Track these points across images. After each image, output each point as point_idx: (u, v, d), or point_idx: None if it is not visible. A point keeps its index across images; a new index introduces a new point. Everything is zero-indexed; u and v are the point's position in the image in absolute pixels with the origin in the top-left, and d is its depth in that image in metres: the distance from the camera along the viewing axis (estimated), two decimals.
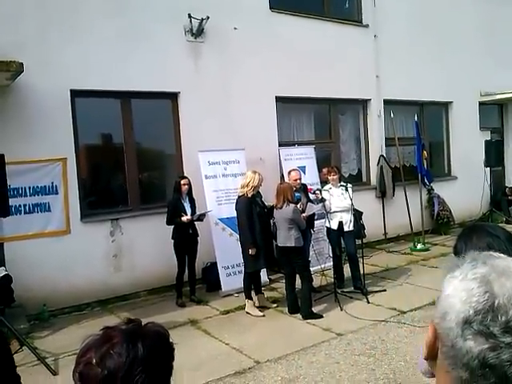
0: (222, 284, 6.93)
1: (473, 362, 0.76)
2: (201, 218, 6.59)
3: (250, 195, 6.06)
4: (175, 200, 6.53)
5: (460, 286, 0.80)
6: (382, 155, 9.86)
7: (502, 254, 0.86)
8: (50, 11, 6.42)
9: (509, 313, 0.75)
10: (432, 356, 0.86)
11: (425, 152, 9.72)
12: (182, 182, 6.58)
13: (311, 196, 6.68)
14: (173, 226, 6.50)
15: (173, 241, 6.51)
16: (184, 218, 6.40)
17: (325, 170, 7.49)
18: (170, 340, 1.11)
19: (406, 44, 10.02)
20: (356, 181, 9.60)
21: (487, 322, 0.75)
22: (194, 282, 6.76)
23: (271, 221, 6.32)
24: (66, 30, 6.51)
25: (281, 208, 5.88)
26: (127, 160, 7.26)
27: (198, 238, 6.64)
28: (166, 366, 1.06)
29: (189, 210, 6.54)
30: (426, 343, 0.87)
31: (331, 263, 6.93)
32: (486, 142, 10.99)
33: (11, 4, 6.17)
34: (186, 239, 6.49)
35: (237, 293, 6.81)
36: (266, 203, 6.44)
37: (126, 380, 0.98)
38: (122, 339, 1.02)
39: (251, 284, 6.28)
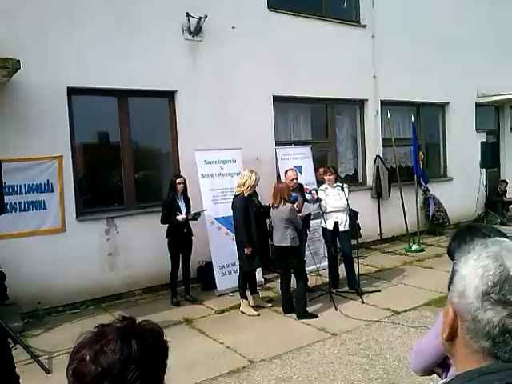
0: (217, 283, 6.93)
1: (493, 331, 0.84)
2: (195, 217, 6.59)
3: (246, 194, 6.06)
4: (170, 199, 6.52)
5: (476, 264, 0.89)
6: (379, 156, 9.88)
7: (506, 239, 0.95)
8: (46, 8, 6.39)
9: None
10: (453, 336, 0.92)
11: (420, 153, 9.75)
12: (178, 180, 6.58)
13: (307, 196, 6.69)
14: (167, 225, 6.50)
15: (167, 239, 6.51)
16: (179, 217, 6.39)
17: (321, 170, 7.50)
18: (165, 338, 1.11)
19: (404, 45, 10.04)
20: (352, 181, 9.61)
21: (505, 291, 0.84)
22: (189, 281, 6.76)
23: (267, 220, 6.33)
24: (63, 27, 6.49)
25: (277, 207, 5.88)
26: (123, 158, 7.25)
27: (193, 237, 6.64)
28: (160, 363, 1.06)
29: (183, 209, 6.54)
30: (446, 324, 0.93)
31: (326, 263, 6.94)
32: (482, 143, 11.04)
33: (7, 1, 6.14)
34: (180, 238, 6.49)
35: (232, 292, 6.82)
36: (262, 203, 6.45)
37: (119, 377, 0.98)
38: (115, 336, 1.02)
39: (246, 283, 6.28)
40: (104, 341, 1.02)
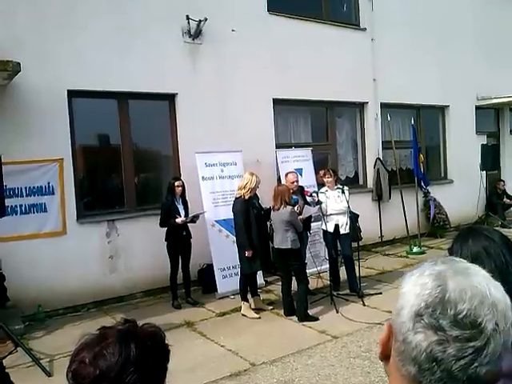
0: (217, 286, 6.92)
1: (420, 356, 0.77)
2: (194, 219, 6.58)
3: (247, 197, 6.06)
4: (169, 202, 6.52)
5: (416, 282, 0.82)
6: (379, 158, 9.88)
7: (464, 260, 0.87)
8: (46, 11, 6.41)
9: (457, 306, 0.76)
10: (386, 355, 0.86)
11: (421, 155, 9.76)
12: (176, 183, 6.57)
13: (308, 198, 6.69)
14: (166, 228, 6.49)
15: (166, 242, 6.50)
16: (178, 220, 6.39)
17: (321, 172, 7.50)
18: (166, 341, 1.10)
19: (403, 47, 10.06)
20: (353, 183, 9.61)
21: (437, 315, 0.76)
22: (189, 283, 6.75)
23: (268, 223, 6.33)
24: (63, 29, 6.50)
25: (278, 210, 5.88)
26: (124, 161, 7.25)
27: (192, 240, 6.64)
28: (160, 366, 1.06)
29: (182, 212, 6.53)
30: (380, 341, 0.87)
31: (327, 266, 6.93)
32: (483, 145, 11.04)
33: (7, 2, 6.15)
34: (179, 241, 6.48)
35: (233, 295, 6.81)
36: (262, 205, 6.45)
37: (117, 380, 0.98)
38: (115, 339, 1.03)
39: (247, 286, 6.28)
40: (104, 343, 1.02)
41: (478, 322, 0.75)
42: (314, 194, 6.62)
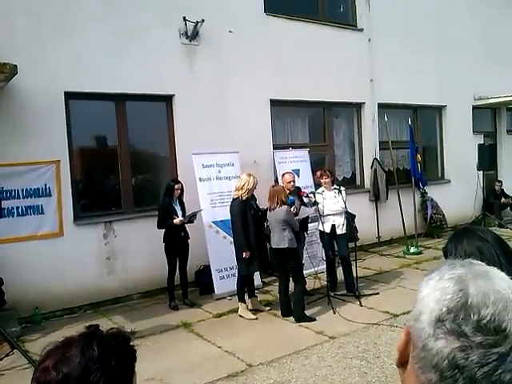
0: (215, 287, 6.93)
1: (442, 363, 0.74)
2: (192, 219, 6.58)
3: (244, 198, 6.06)
4: (166, 203, 6.52)
5: (436, 286, 0.79)
6: (376, 158, 9.90)
7: (482, 263, 0.85)
8: (43, 13, 6.41)
9: (481, 312, 0.74)
10: (403, 361, 0.84)
11: (418, 155, 9.78)
12: (176, 186, 6.57)
13: (304, 199, 6.69)
14: (164, 229, 6.49)
15: (164, 244, 6.50)
16: (176, 220, 6.38)
17: (318, 173, 7.51)
18: (131, 342, 1.11)
19: (400, 48, 10.08)
20: (350, 184, 9.63)
21: (459, 321, 0.74)
22: (186, 285, 6.75)
23: (265, 223, 6.33)
24: (60, 32, 6.50)
25: (274, 210, 5.89)
26: (121, 162, 7.25)
27: (189, 241, 6.64)
28: (125, 366, 1.06)
29: (179, 213, 6.54)
30: (398, 348, 0.84)
31: (324, 266, 6.94)
32: (479, 145, 11.06)
33: (4, 6, 6.15)
34: (177, 242, 6.48)
35: (230, 296, 6.81)
36: (260, 206, 6.45)
37: (81, 380, 0.98)
38: (77, 342, 1.04)
39: (244, 287, 6.28)
40: (66, 348, 1.03)
41: (502, 327, 0.73)
42: (311, 195, 6.63)
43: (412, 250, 9.19)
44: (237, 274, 6.41)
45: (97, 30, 6.75)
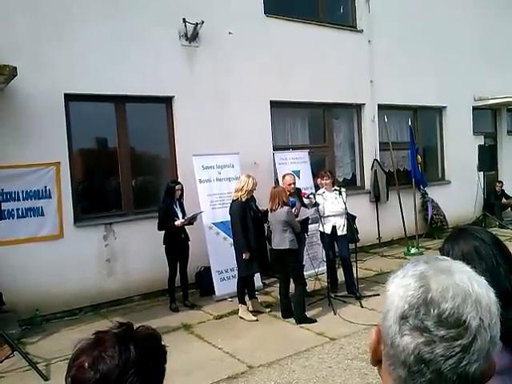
0: (215, 289, 6.92)
1: (409, 359, 0.76)
2: (192, 221, 6.57)
3: (244, 199, 6.06)
4: (167, 204, 6.51)
5: (399, 283, 0.81)
6: (376, 159, 9.89)
7: (447, 258, 0.86)
8: (43, 15, 6.41)
9: (441, 306, 0.76)
10: (377, 359, 0.85)
11: (419, 156, 9.77)
12: (177, 187, 6.57)
13: (305, 200, 6.69)
14: (164, 231, 6.48)
15: (164, 245, 6.50)
16: (177, 222, 6.38)
17: (319, 178, 7.51)
18: (162, 343, 1.11)
19: (400, 49, 10.08)
20: (350, 185, 9.63)
21: (421, 316, 0.76)
22: (187, 286, 6.74)
23: (266, 225, 6.33)
24: (60, 33, 6.50)
25: (275, 211, 5.88)
26: (121, 164, 7.25)
27: (189, 243, 6.63)
28: (159, 368, 1.06)
29: (180, 215, 6.54)
30: (370, 347, 0.86)
31: (325, 267, 6.93)
32: (480, 146, 11.05)
33: (4, 8, 6.16)
34: (177, 244, 6.48)
35: (230, 297, 6.80)
36: (260, 207, 6.45)
37: (118, 382, 0.98)
38: (113, 342, 1.02)
39: (245, 288, 6.27)
40: (102, 347, 1.02)
41: (462, 320, 0.75)
42: (311, 196, 6.62)
43: (413, 250, 9.17)
44: (237, 276, 6.40)
45: (97, 32, 6.76)
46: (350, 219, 6.84)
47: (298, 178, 7.63)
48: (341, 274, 7.03)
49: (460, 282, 0.78)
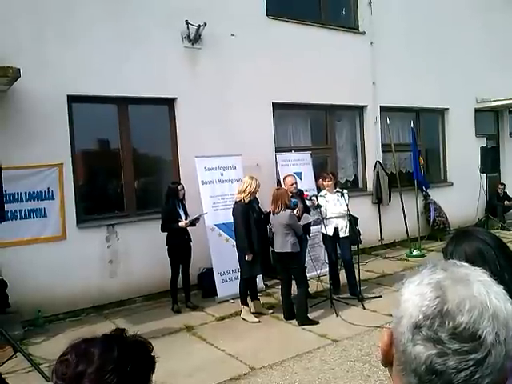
0: (217, 290, 6.92)
1: (420, 368, 0.76)
2: (194, 222, 6.58)
3: (246, 201, 6.06)
4: (170, 206, 6.52)
5: (415, 291, 0.80)
6: (379, 161, 9.89)
7: (466, 264, 0.85)
8: (46, 17, 6.44)
9: (456, 319, 0.74)
10: (388, 362, 0.85)
11: (421, 158, 9.77)
12: (179, 187, 6.59)
13: (307, 202, 6.69)
14: (167, 232, 6.49)
15: (167, 247, 6.50)
16: (181, 223, 6.39)
17: (321, 180, 7.52)
18: (152, 353, 1.12)
19: (403, 51, 10.08)
20: (352, 187, 9.63)
21: (435, 328, 0.75)
22: (189, 288, 6.75)
23: (268, 227, 6.33)
24: (63, 35, 6.53)
25: (277, 213, 5.88)
26: (124, 165, 7.26)
27: (192, 244, 6.64)
28: (141, 374, 1.07)
29: (183, 216, 6.55)
30: (381, 349, 0.85)
31: (327, 269, 6.92)
32: (482, 148, 11.04)
33: (7, 9, 6.18)
34: (181, 245, 6.48)
35: (232, 299, 6.80)
36: (262, 209, 6.45)
37: (95, 378, 1.00)
38: (100, 341, 1.07)
39: (247, 290, 6.27)
40: (88, 344, 1.07)
41: (477, 334, 0.73)
42: (314, 198, 6.62)
43: (415, 252, 9.16)
44: (239, 277, 6.41)
45: (99, 34, 6.78)
46: (353, 221, 6.84)
47: (300, 179, 7.63)
48: (343, 276, 7.03)
49: (478, 294, 0.76)
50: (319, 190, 7.66)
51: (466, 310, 0.74)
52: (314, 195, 6.81)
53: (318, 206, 6.53)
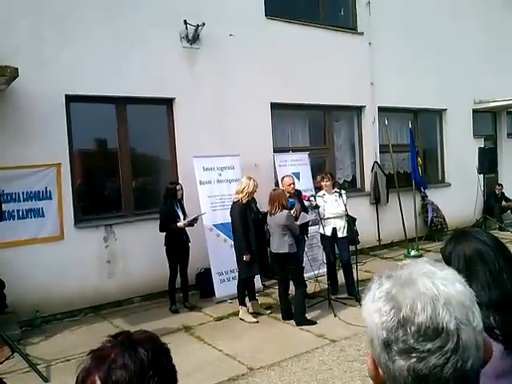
0: (215, 290, 6.91)
1: (408, 380, 0.77)
2: (193, 222, 6.58)
3: (244, 201, 6.06)
4: (169, 206, 6.51)
5: (372, 309, 0.81)
6: (376, 162, 9.90)
7: (408, 261, 0.87)
8: (44, 16, 6.42)
9: (415, 322, 0.76)
10: (380, 383, 0.85)
11: (419, 159, 9.78)
12: (177, 187, 6.59)
13: (306, 203, 6.69)
14: (165, 233, 6.48)
15: (165, 247, 6.49)
16: (180, 224, 6.39)
17: (318, 178, 7.51)
18: (162, 341, 1.07)
19: (401, 51, 10.10)
20: (350, 187, 9.64)
21: (402, 338, 0.76)
22: (187, 288, 6.74)
23: (265, 227, 6.33)
24: (61, 34, 6.52)
25: (274, 214, 5.88)
26: (121, 165, 7.25)
27: (190, 244, 6.64)
28: (172, 365, 1.03)
29: (181, 216, 6.54)
30: (371, 377, 0.86)
31: (325, 269, 6.93)
32: (480, 149, 11.06)
33: (5, 9, 6.17)
34: (179, 245, 6.48)
35: (230, 299, 6.80)
36: (260, 209, 6.45)
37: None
38: (120, 351, 0.95)
39: (245, 290, 6.27)
40: (109, 360, 0.94)
41: (439, 327, 0.76)
42: (312, 198, 6.62)
43: (413, 253, 9.16)
44: (237, 277, 6.40)
45: (98, 34, 6.77)
46: (351, 221, 6.84)
47: (298, 180, 7.63)
48: (341, 276, 7.03)
49: (425, 290, 0.78)
50: (316, 189, 7.67)
51: (420, 310, 0.76)
52: (312, 195, 6.81)
53: (316, 207, 6.53)
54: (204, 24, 7.38)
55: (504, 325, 1.55)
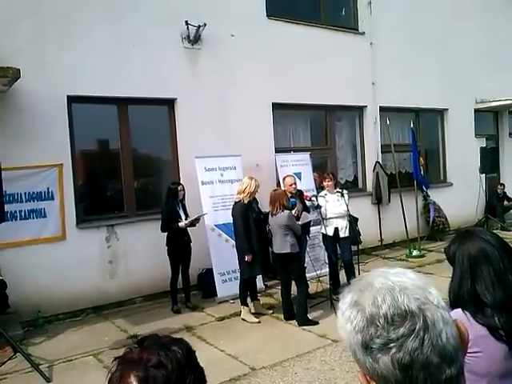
0: (217, 290, 6.91)
1: (397, 373, 0.79)
2: (194, 222, 6.58)
3: (246, 201, 6.06)
4: (171, 206, 6.52)
5: (343, 321, 0.86)
6: (378, 162, 9.89)
7: (371, 271, 0.91)
8: (46, 17, 6.43)
9: (380, 313, 0.81)
10: None
11: (421, 158, 9.77)
12: (179, 188, 6.59)
13: (307, 203, 6.69)
14: (167, 233, 6.49)
15: (167, 247, 6.50)
16: (181, 224, 6.39)
17: (315, 175, 7.50)
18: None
19: (402, 51, 10.09)
20: (352, 187, 9.62)
21: (376, 334, 0.81)
22: (189, 288, 6.75)
23: (267, 227, 6.32)
24: (62, 35, 6.53)
25: (276, 215, 5.88)
26: (123, 166, 7.26)
27: (192, 244, 6.64)
28: (200, 365, 1.00)
29: (183, 216, 6.55)
30: None
31: (327, 269, 6.93)
32: (482, 148, 11.05)
33: (7, 10, 6.18)
34: (180, 245, 6.48)
35: (232, 299, 6.80)
36: (262, 209, 6.45)
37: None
38: (153, 351, 0.91)
39: (247, 290, 6.27)
40: (144, 360, 0.90)
41: (403, 311, 0.80)
42: (314, 199, 6.62)
43: (415, 253, 9.16)
44: (239, 278, 6.41)
45: (99, 34, 6.78)
46: (352, 221, 6.84)
47: (300, 180, 7.62)
48: (343, 276, 7.03)
49: (380, 285, 0.84)
50: (318, 189, 7.66)
51: (381, 302, 0.82)
52: (313, 195, 6.80)
53: (318, 207, 6.53)
54: (205, 24, 7.38)
55: (508, 325, 1.55)
